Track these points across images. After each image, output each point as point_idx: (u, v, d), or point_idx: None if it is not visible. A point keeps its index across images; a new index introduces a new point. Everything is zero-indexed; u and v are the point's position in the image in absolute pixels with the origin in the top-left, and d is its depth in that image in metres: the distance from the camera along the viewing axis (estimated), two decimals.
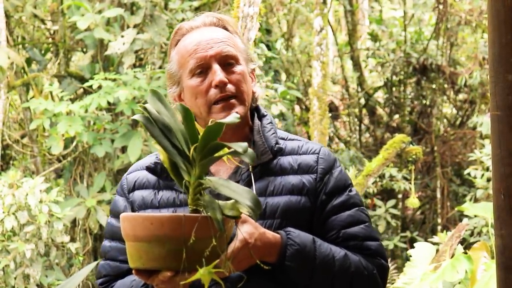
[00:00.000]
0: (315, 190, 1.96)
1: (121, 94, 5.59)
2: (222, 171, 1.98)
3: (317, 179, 1.97)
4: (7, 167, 7.31)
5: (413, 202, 6.28)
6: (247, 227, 1.78)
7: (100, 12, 6.03)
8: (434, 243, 4.93)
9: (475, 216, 6.08)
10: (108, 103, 5.70)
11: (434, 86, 9.02)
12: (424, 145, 8.83)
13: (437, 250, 4.15)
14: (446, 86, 8.96)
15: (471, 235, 6.68)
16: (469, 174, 6.86)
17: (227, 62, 1.97)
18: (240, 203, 1.64)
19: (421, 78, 8.93)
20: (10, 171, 5.47)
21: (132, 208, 2.00)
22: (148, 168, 2.00)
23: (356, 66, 9.29)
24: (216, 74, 1.94)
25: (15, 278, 5.16)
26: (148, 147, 5.85)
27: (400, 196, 8.64)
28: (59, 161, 6.59)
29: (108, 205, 5.85)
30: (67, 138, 6.19)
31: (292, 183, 1.94)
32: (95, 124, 6.04)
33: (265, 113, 2.06)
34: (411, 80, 9.07)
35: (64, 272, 5.70)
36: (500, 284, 1.68)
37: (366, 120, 9.65)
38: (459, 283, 3.88)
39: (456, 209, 5.81)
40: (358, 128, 9.51)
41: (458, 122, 9.28)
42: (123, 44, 5.92)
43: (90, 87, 5.94)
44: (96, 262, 1.56)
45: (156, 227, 1.61)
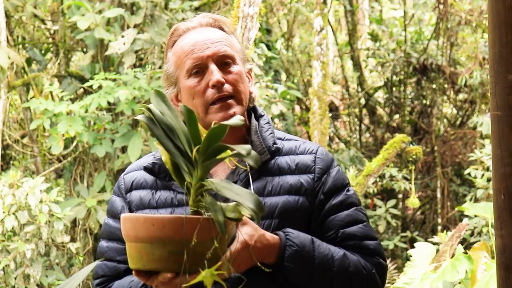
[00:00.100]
0: (313, 190, 1.96)
1: (121, 94, 5.59)
2: (219, 171, 1.98)
3: (315, 178, 1.97)
4: (8, 167, 7.31)
5: (413, 202, 6.28)
6: (247, 229, 1.78)
7: (100, 12, 6.03)
8: (435, 243, 4.93)
9: (476, 216, 6.07)
10: (108, 103, 5.69)
11: (434, 86, 9.01)
12: (424, 145, 8.83)
13: (437, 250, 4.15)
14: (446, 86, 8.96)
15: (471, 235, 6.68)
16: (469, 174, 6.86)
17: (224, 62, 1.97)
18: (243, 206, 1.63)
19: (421, 78, 8.93)
20: (10, 171, 5.46)
21: (129, 209, 1.99)
22: (146, 168, 1.99)
23: (356, 66, 9.29)
24: (213, 74, 1.93)
25: (15, 278, 5.15)
26: (148, 147, 5.85)
27: (400, 196, 8.64)
28: (59, 161, 6.59)
29: None
30: (67, 138, 6.19)
31: (290, 183, 1.94)
32: (95, 124, 6.03)
33: (262, 113, 2.06)
34: (411, 80, 9.07)
35: (64, 272, 5.70)
36: (500, 284, 1.68)
37: (366, 120, 9.65)
38: (460, 283, 3.88)
39: (456, 209, 5.80)
40: (358, 128, 9.51)
41: (458, 122, 9.28)
42: (124, 44, 5.92)
43: (90, 87, 5.94)
44: (96, 262, 1.55)
45: (157, 229, 1.60)
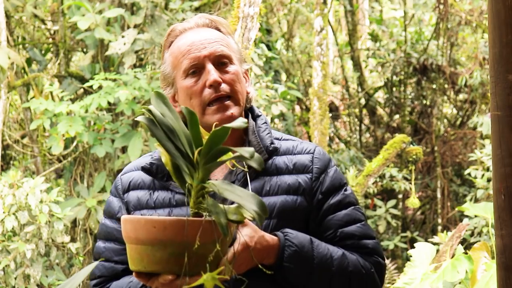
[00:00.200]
0: (311, 189, 1.96)
1: (121, 94, 5.59)
2: (217, 171, 1.98)
3: (312, 178, 1.97)
4: (8, 167, 7.31)
5: (413, 202, 6.28)
6: (247, 230, 1.78)
7: (100, 12, 6.03)
8: (435, 243, 4.93)
9: (476, 216, 6.07)
10: (109, 103, 5.69)
11: (434, 86, 9.01)
12: (424, 145, 8.83)
13: (437, 250, 4.15)
14: (446, 86, 8.96)
15: (472, 235, 6.68)
16: (469, 174, 6.86)
17: (221, 61, 1.97)
18: (246, 208, 1.62)
19: (421, 78, 8.93)
20: (10, 171, 5.46)
21: (127, 209, 1.99)
22: (143, 169, 1.99)
23: (357, 66, 9.29)
24: (210, 74, 1.93)
25: (15, 278, 5.15)
26: (148, 147, 5.85)
27: (400, 196, 8.64)
28: (60, 161, 6.59)
29: None
30: (67, 138, 6.19)
31: (288, 183, 1.94)
32: (95, 124, 6.03)
33: (259, 113, 2.07)
34: (412, 80, 9.06)
35: (64, 272, 5.70)
36: (501, 284, 1.68)
37: (367, 120, 9.65)
38: (460, 283, 3.88)
39: (456, 209, 5.80)
40: (358, 128, 9.51)
41: (458, 122, 9.28)
42: (124, 44, 5.92)
43: (91, 87, 5.94)
44: (96, 262, 1.55)
45: (158, 231, 1.60)
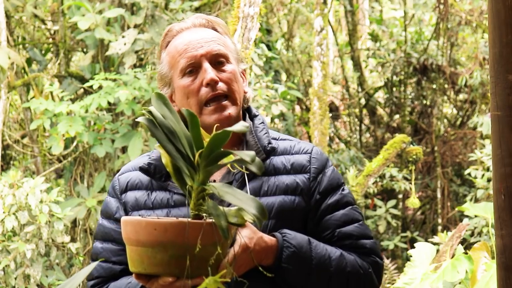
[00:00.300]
0: (309, 189, 1.96)
1: (121, 94, 5.59)
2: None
3: (310, 178, 1.97)
4: (8, 167, 7.31)
5: (413, 202, 6.28)
6: (247, 232, 1.78)
7: (100, 12, 6.02)
8: (435, 243, 4.93)
9: (476, 216, 6.07)
10: (109, 103, 5.69)
11: (434, 86, 9.01)
12: (424, 145, 8.83)
13: (437, 250, 4.14)
14: (446, 86, 8.96)
15: (472, 235, 6.68)
16: (469, 174, 6.85)
17: (218, 61, 1.97)
18: (245, 211, 1.62)
19: (421, 78, 8.93)
20: (10, 171, 5.46)
21: (125, 209, 1.98)
22: (141, 169, 1.99)
23: (357, 66, 9.29)
24: (207, 73, 1.93)
25: (15, 278, 5.15)
26: (148, 147, 5.84)
27: (400, 196, 8.64)
28: (60, 161, 6.59)
29: None
30: (67, 138, 6.19)
31: (286, 183, 1.94)
32: (95, 124, 6.03)
33: (256, 113, 2.07)
34: (412, 80, 9.06)
35: (64, 272, 5.69)
36: (501, 284, 1.68)
37: (367, 120, 9.65)
38: (460, 283, 3.88)
39: (456, 209, 5.80)
40: (358, 128, 9.51)
41: (458, 122, 9.28)
42: (124, 44, 5.92)
43: (91, 87, 5.94)
44: (96, 262, 1.55)
45: (159, 233, 1.59)
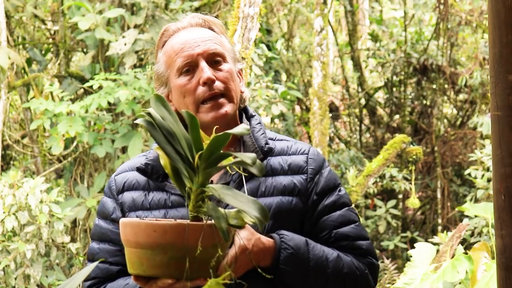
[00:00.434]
0: (306, 190, 1.96)
1: (121, 94, 5.59)
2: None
3: (307, 179, 1.97)
4: (8, 167, 7.31)
5: (413, 202, 6.28)
6: (245, 233, 1.77)
7: (100, 12, 6.02)
8: (435, 244, 4.93)
9: (476, 216, 6.07)
10: (109, 103, 5.69)
11: (434, 86, 9.01)
12: (424, 145, 8.83)
13: (437, 251, 4.14)
14: (446, 86, 8.96)
15: (472, 235, 6.68)
16: (469, 175, 6.85)
17: (214, 60, 1.97)
18: (247, 214, 1.61)
19: (421, 78, 8.93)
20: (10, 171, 5.46)
21: (121, 210, 1.98)
22: (138, 169, 1.98)
23: (357, 66, 9.29)
24: (204, 72, 1.93)
25: (15, 279, 5.15)
26: (148, 147, 5.84)
27: (400, 196, 8.64)
28: (60, 161, 6.59)
29: None
30: (67, 139, 6.19)
31: (284, 184, 1.94)
32: (95, 124, 6.03)
33: (253, 113, 2.06)
34: (412, 80, 9.06)
35: (64, 272, 5.69)
36: (501, 284, 1.68)
37: (367, 120, 9.65)
38: (460, 283, 3.88)
39: (456, 209, 5.80)
40: (358, 128, 9.51)
41: (458, 123, 9.28)
42: (125, 44, 5.92)
43: (91, 87, 5.94)
44: (96, 262, 1.54)
45: (159, 235, 1.59)
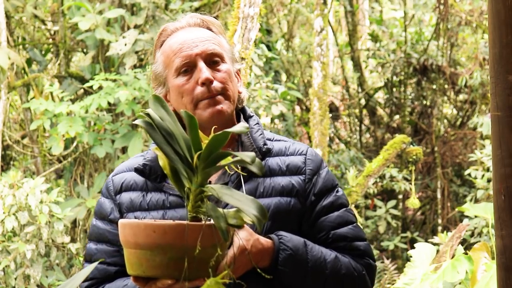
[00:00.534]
0: (304, 191, 1.96)
1: (121, 95, 5.59)
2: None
3: (305, 180, 1.97)
4: (8, 168, 7.31)
5: (413, 202, 6.28)
6: (244, 234, 1.77)
7: (100, 12, 6.02)
8: (435, 244, 4.93)
9: (476, 216, 6.07)
10: (109, 103, 5.69)
11: (434, 87, 9.01)
12: (424, 145, 8.83)
13: (437, 251, 4.14)
14: (446, 86, 8.96)
15: (472, 235, 6.68)
16: (469, 175, 6.85)
17: (213, 60, 1.96)
18: (246, 213, 1.61)
19: (421, 78, 8.93)
20: (10, 172, 5.46)
21: (119, 211, 1.97)
22: (136, 170, 1.98)
23: (357, 66, 9.29)
24: (202, 72, 1.93)
25: (15, 279, 5.15)
26: (148, 147, 5.84)
27: (400, 196, 8.63)
28: (60, 161, 6.59)
29: None
30: (67, 139, 6.19)
31: (282, 185, 1.94)
32: (95, 124, 6.03)
33: (251, 113, 2.06)
34: (412, 80, 9.06)
35: (64, 272, 5.69)
36: (501, 284, 1.68)
37: (367, 121, 9.65)
38: (460, 283, 3.88)
39: (456, 209, 5.80)
40: (358, 128, 9.51)
41: (458, 123, 9.28)
42: (125, 45, 5.92)
43: (91, 87, 5.94)
44: (96, 263, 1.54)
45: (158, 235, 1.59)
